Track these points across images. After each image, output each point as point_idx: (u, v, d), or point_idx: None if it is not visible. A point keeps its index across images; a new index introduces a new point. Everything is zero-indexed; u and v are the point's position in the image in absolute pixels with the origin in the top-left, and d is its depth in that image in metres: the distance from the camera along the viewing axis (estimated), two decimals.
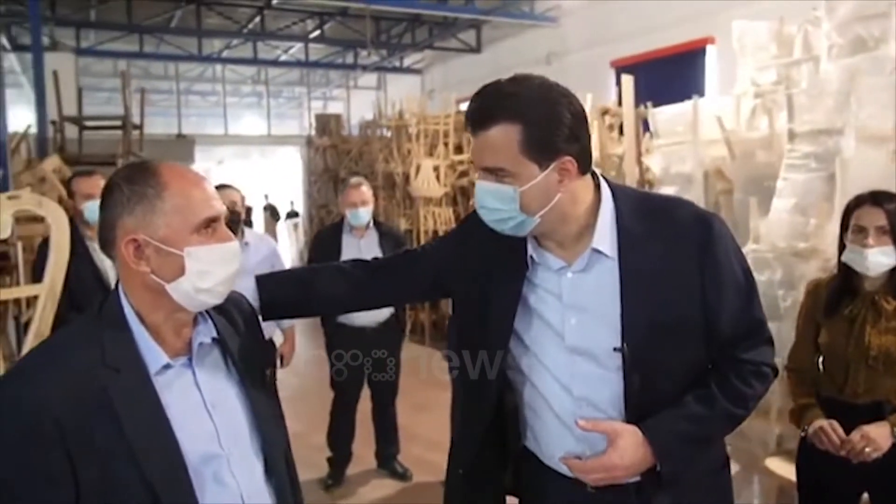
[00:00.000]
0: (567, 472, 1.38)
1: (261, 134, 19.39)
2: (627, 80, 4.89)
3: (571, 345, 1.36)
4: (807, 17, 3.70)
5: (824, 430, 1.93)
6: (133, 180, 1.14)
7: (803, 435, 2.03)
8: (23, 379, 1.09)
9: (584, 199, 1.33)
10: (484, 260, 1.45)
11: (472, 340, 1.48)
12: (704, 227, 1.33)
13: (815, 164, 3.30)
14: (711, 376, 1.36)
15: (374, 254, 3.91)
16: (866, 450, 1.86)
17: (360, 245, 3.92)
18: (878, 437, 1.87)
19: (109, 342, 1.12)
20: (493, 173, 1.27)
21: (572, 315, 1.35)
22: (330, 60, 16.22)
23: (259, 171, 24.03)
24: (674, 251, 1.32)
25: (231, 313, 1.31)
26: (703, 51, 8.00)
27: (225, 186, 3.65)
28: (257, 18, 12.90)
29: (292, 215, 18.09)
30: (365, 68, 15.96)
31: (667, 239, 1.32)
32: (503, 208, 1.28)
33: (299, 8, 12.73)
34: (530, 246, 1.39)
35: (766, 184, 3.61)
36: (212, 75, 18.29)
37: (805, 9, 3.68)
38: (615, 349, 1.31)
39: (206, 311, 1.25)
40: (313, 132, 13.99)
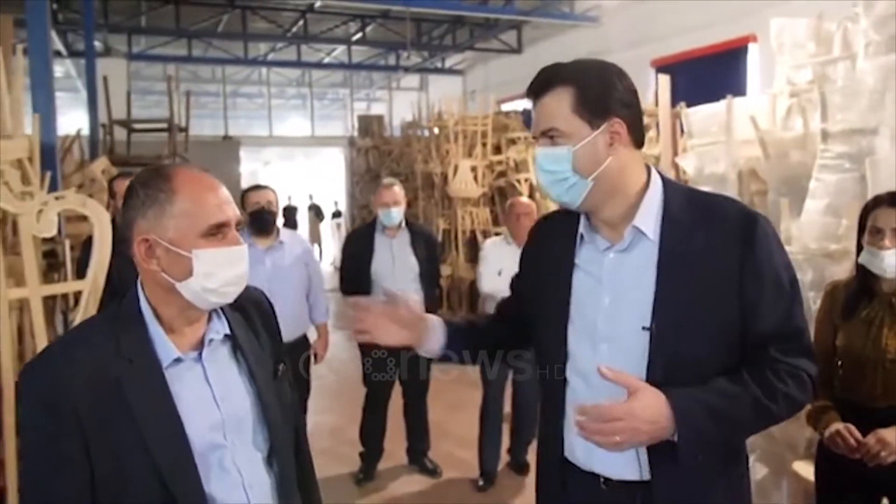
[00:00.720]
0: (583, 466, 1.41)
1: (304, 135, 19.68)
2: (664, 80, 4.86)
3: (600, 327, 1.38)
4: (847, 13, 3.62)
5: (840, 433, 1.90)
6: (147, 184, 1.21)
7: (820, 438, 2.01)
8: (45, 367, 1.17)
9: (634, 175, 1.37)
10: (540, 259, 1.54)
11: (537, 337, 1.52)
12: (749, 223, 1.33)
13: (848, 164, 3.24)
14: (743, 368, 1.32)
15: (405, 253, 3.99)
16: (882, 454, 1.83)
17: (392, 245, 3.98)
18: (895, 440, 1.84)
19: (125, 335, 1.20)
20: (549, 137, 1.35)
21: (607, 295, 1.38)
22: (372, 62, 16.39)
23: (304, 172, 24.42)
24: (715, 241, 1.32)
25: (248, 310, 1.38)
26: (745, 49, 7.86)
27: (260, 187, 3.76)
28: (301, 22, 13.12)
29: (336, 215, 18.36)
30: (407, 70, 16.09)
31: (709, 229, 1.33)
32: (558, 169, 1.34)
33: (341, 11, 12.90)
34: (582, 224, 1.43)
35: (800, 184, 3.56)
36: (258, 78, 18.65)
37: (846, 6, 3.60)
38: (643, 328, 1.32)
39: (221, 308, 1.31)
40: (356, 133, 14.17)
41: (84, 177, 4.92)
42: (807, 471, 2.84)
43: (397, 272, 3.94)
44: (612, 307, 1.37)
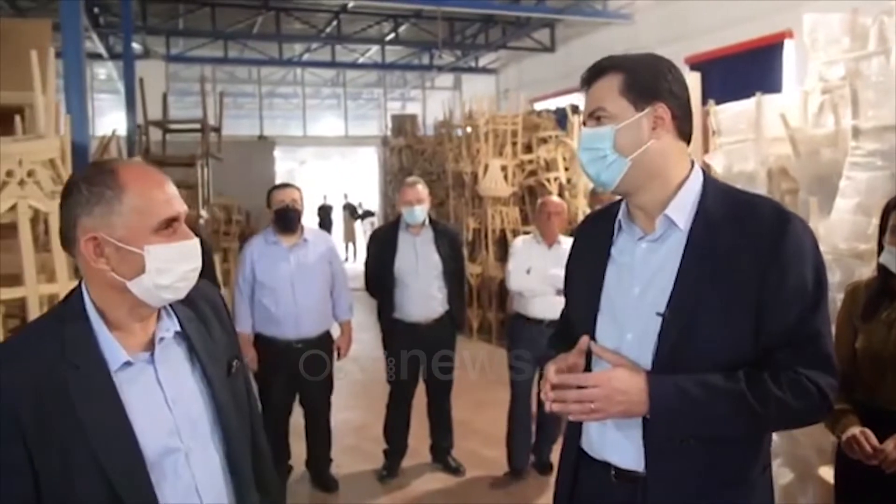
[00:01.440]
0: (597, 455, 1.44)
1: (338, 135, 19.86)
2: (694, 78, 4.81)
3: (627, 316, 1.39)
4: (883, 7, 3.53)
5: (856, 438, 1.86)
6: (93, 181, 1.16)
7: (838, 443, 1.97)
8: None
9: (675, 165, 1.38)
10: (578, 260, 1.59)
11: (572, 330, 1.52)
12: (781, 222, 1.32)
13: (880, 161, 3.16)
14: (746, 367, 1.31)
15: (429, 251, 4.01)
16: None
17: (415, 243, 4.00)
18: None
19: (70, 338, 1.15)
20: (596, 118, 1.39)
21: (637, 284, 1.39)
22: (406, 62, 16.47)
23: (339, 171, 24.64)
24: (744, 238, 1.31)
25: (198, 305, 1.34)
26: (781, 45, 7.69)
27: (285, 185, 3.82)
28: (334, 22, 13.24)
29: (367, 215, 18.49)
30: (440, 69, 16.13)
31: (740, 226, 1.33)
32: (599, 147, 1.37)
33: (375, 11, 12.99)
34: (621, 212, 1.46)
35: (831, 183, 3.49)
36: (293, 78, 18.87)
37: None
38: (658, 314, 1.34)
39: (170, 305, 1.27)
40: (389, 133, 14.25)
41: None
42: (833, 476, 2.79)
43: (420, 270, 3.97)
44: (641, 296, 1.39)
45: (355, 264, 13.71)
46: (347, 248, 17.58)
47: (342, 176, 23.96)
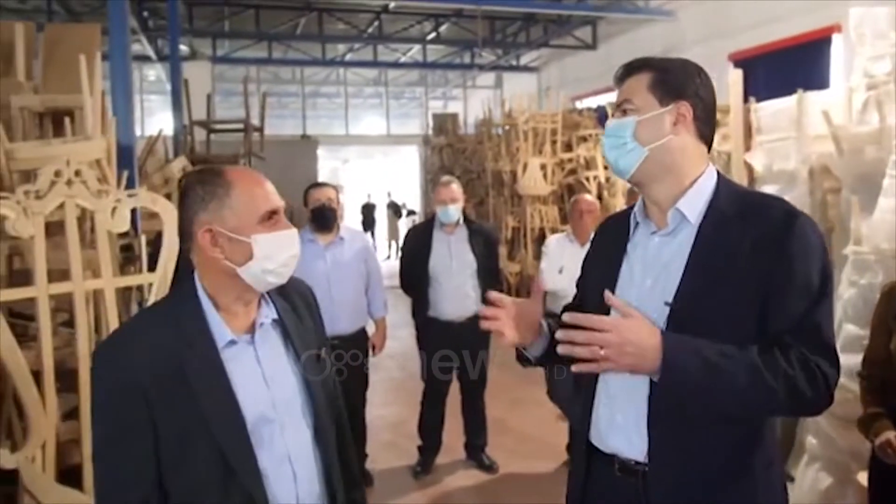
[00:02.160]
0: (603, 447, 1.46)
1: (380, 134, 20.00)
2: (736, 74, 4.72)
3: (639, 308, 1.39)
4: None
5: (890, 442, 1.82)
6: (205, 181, 1.34)
7: (873, 447, 1.93)
8: (113, 348, 1.33)
9: (693, 164, 1.43)
10: (595, 258, 1.63)
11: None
12: (788, 220, 1.35)
13: None
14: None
15: (463, 250, 4.03)
16: None
17: (449, 242, 4.03)
18: None
19: (184, 320, 1.33)
20: (622, 109, 1.45)
21: (649, 277, 1.44)
22: (447, 61, 16.51)
23: (382, 170, 24.83)
24: (751, 235, 1.34)
25: (293, 299, 1.50)
26: (829, 40, 7.49)
27: (322, 184, 3.89)
28: (376, 23, 13.35)
29: (410, 213, 18.63)
30: (481, 68, 16.12)
31: (749, 223, 1.36)
32: (620, 134, 1.43)
33: (416, 11, 13.06)
34: (637, 208, 1.51)
35: (875, 181, 3.40)
36: (336, 78, 19.08)
37: None
38: (665, 303, 1.37)
39: (269, 296, 1.44)
40: (430, 132, 14.31)
41: (162, 176, 5.19)
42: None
43: (455, 268, 3.99)
44: (652, 287, 1.43)
45: (396, 262, 13.81)
46: (390, 245, 17.73)
47: (385, 174, 24.14)
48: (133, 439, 1.25)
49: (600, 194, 7.37)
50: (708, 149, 1.46)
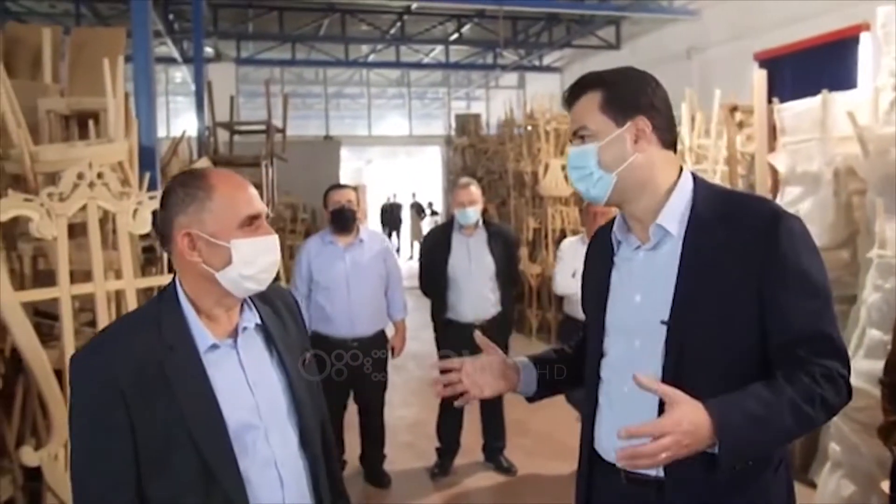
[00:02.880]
0: (608, 458, 1.43)
1: (403, 134, 20.05)
2: (760, 75, 4.66)
3: (631, 324, 1.42)
4: None
5: None
6: (186, 184, 1.32)
7: (893, 456, 1.89)
8: (95, 353, 1.31)
9: (664, 174, 1.41)
10: (590, 265, 1.62)
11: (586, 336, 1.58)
12: (775, 221, 1.32)
13: None
14: (777, 373, 1.29)
15: (482, 253, 4.02)
16: None
17: (468, 244, 4.03)
18: None
19: (166, 323, 1.31)
20: (579, 136, 1.42)
21: (638, 292, 1.42)
22: (471, 61, 16.49)
23: (405, 170, 24.89)
24: (736, 238, 1.32)
25: (276, 304, 1.48)
26: (857, 39, 7.35)
27: (341, 186, 3.92)
28: (399, 23, 13.38)
29: (434, 213, 18.68)
30: (504, 68, 16.08)
31: (732, 226, 1.33)
32: (585, 165, 1.40)
33: (438, 11, 13.07)
34: (616, 225, 1.49)
35: None
36: (359, 79, 19.15)
37: None
38: (662, 322, 1.35)
39: (252, 301, 1.42)
40: (453, 132, 14.31)
41: None
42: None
43: (473, 271, 3.99)
44: (642, 303, 1.41)
45: (415, 262, 13.86)
46: (413, 246, 17.78)
47: (408, 175, 24.19)
48: (113, 445, 1.24)
49: None
50: (674, 150, 1.43)
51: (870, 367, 2.98)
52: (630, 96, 1.39)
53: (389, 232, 19.02)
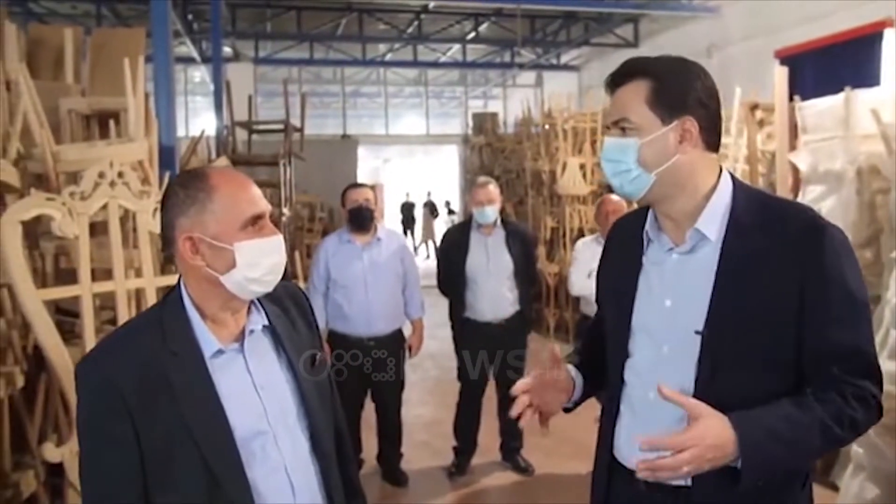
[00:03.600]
0: (627, 464, 1.40)
1: (420, 133, 20.08)
2: (781, 72, 4.61)
3: (660, 329, 1.37)
4: None
5: None
6: (187, 185, 1.28)
7: None
8: (97, 361, 1.28)
9: (704, 176, 1.35)
10: (612, 262, 1.55)
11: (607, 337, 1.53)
12: (817, 233, 1.26)
13: None
14: (809, 390, 1.26)
15: (500, 251, 4.01)
16: None
17: (486, 243, 4.02)
18: None
19: (170, 329, 1.27)
20: (620, 127, 1.34)
21: (668, 297, 1.37)
22: (488, 60, 16.48)
23: (423, 169, 24.92)
24: (777, 247, 1.27)
25: (285, 304, 1.44)
26: (880, 36, 7.25)
27: (359, 185, 3.92)
28: (416, 22, 13.41)
29: (451, 212, 18.70)
30: (522, 67, 16.05)
31: (773, 234, 1.28)
32: (623, 160, 1.33)
33: (455, 10, 13.07)
34: (648, 223, 1.42)
35: None
36: (377, 78, 19.21)
37: None
38: (696, 332, 1.30)
39: (259, 302, 1.38)
40: (470, 131, 14.30)
41: None
42: None
43: (491, 270, 3.98)
44: (673, 309, 1.36)
45: (431, 262, 13.86)
46: (427, 245, 17.78)
47: (426, 174, 24.22)
48: (116, 453, 1.21)
49: None
50: (716, 152, 1.37)
51: (894, 368, 2.94)
52: (680, 92, 1.31)
53: (404, 231, 19.04)
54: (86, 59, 4.24)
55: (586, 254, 4.02)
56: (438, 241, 17.87)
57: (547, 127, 9.11)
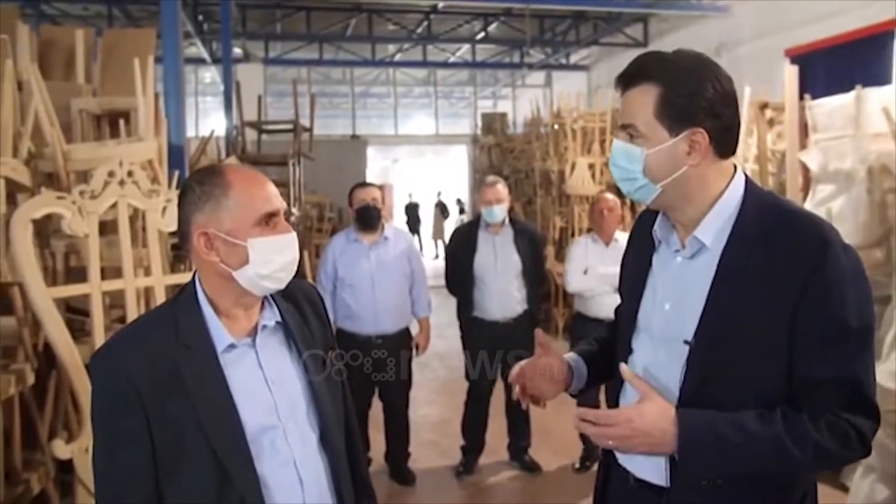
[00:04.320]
0: (621, 462, 1.41)
1: (429, 133, 20.09)
2: (791, 71, 4.59)
3: (658, 332, 1.35)
4: None
5: None
6: (203, 182, 1.30)
7: None
8: (111, 353, 1.29)
9: (714, 184, 1.30)
10: (628, 258, 1.55)
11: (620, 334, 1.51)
12: (822, 249, 1.20)
13: None
14: (782, 405, 1.22)
15: (508, 251, 4.02)
16: None
17: (494, 242, 4.02)
18: None
19: (183, 323, 1.29)
20: (627, 132, 1.30)
21: (668, 300, 1.35)
22: (497, 60, 16.47)
23: (432, 170, 24.94)
24: (779, 261, 1.21)
25: (298, 301, 1.45)
26: (892, 34, 7.20)
27: (366, 184, 3.94)
28: (425, 23, 13.42)
29: (461, 212, 18.72)
30: (531, 67, 16.04)
31: (775, 245, 1.23)
32: (629, 168, 1.30)
33: (464, 10, 13.08)
34: (657, 224, 1.40)
35: None
36: (386, 78, 19.23)
37: None
38: (685, 341, 1.27)
39: (272, 298, 1.39)
40: (479, 131, 14.30)
41: None
42: None
43: (500, 269, 3.99)
44: (671, 314, 1.34)
45: (440, 261, 13.87)
46: (437, 244, 17.79)
47: (435, 174, 24.24)
48: (129, 446, 1.23)
49: None
50: (732, 155, 1.32)
51: None
52: (688, 102, 1.24)
53: (409, 232, 19.03)
54: (97, 60, 4.27)
55: (581, 251, 4.07)
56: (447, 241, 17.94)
57: (556, 127, 9.10)
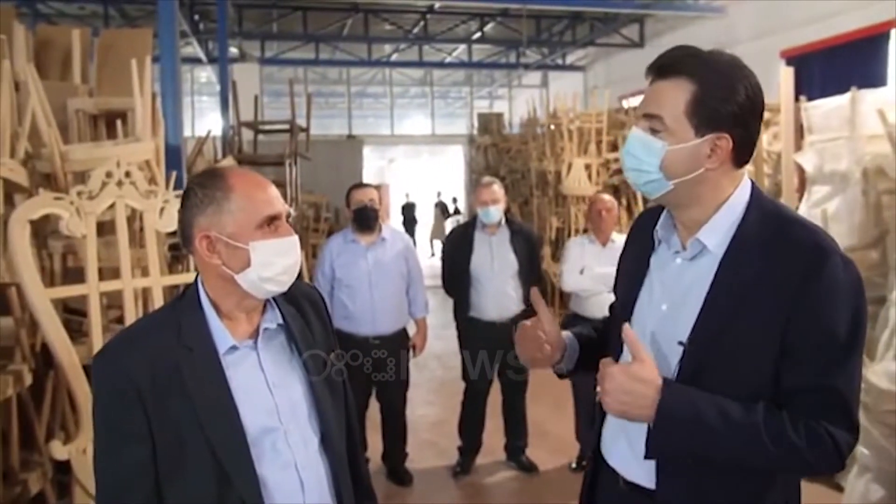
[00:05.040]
0: (608, 461, 1.43)
1: (425, 133, 20.10)
2: (787, 72, 4.61)
3: (653, 332, 1.35)
4: None
5: None
6: (205, 185, 1.30)
7: None
8: (113, 354, 1.29)
9: (723, 189, 1.30)
10: (626, 256, 1.54)
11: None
12: (819, 260, 1.19)
13: None
14: (763, 403, 1.22)
15: (504, 251, 4.02)
16: None
17: (491, 242, 4.03)
18: None
19: (185, 324, 1.30)
20: (650, 122, 1.28)
21: (665, 301, 1.35)
22: (493, 60, 16.50)
23: (428, 170, 24.94)
24: (776, 269, 1.22)
25: (301, 304, 1.46)
26: (886, 36, 7.24)
27: (363, 185, 3.94)
28: (422, 23, 13.43)
29: (457, 212, 18.70)
30: (527, 67, 16.06)
31: (775, 255, 1.23)
32: (645, 160, 1.28)
33: (461, 10, 13.09)
34: (660, 223, 1.39)
35: None
36: (382, 79, 19.24)
37: None
38: (679, 343, 1.28)
39: (275, 300, 1.40)
40: (475, 131, 14.32)
41: None
42: None
43: (496, 269, 3.99)
44: (667, 315, 1.34)
45: (437, 260, 13.87)
46: (433, 244, 17.80)
47: (431, 174, 24.23)
48: (130, 446, 1.23)
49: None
50: (745, 164, 1.31)
51: None
52: (721, 105, 1.23)
53: (405, 231, 19.00)
54: (93, 60, 4.27)
55: (577, 251, 4.08)
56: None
57: (552, 127, 9.12)
